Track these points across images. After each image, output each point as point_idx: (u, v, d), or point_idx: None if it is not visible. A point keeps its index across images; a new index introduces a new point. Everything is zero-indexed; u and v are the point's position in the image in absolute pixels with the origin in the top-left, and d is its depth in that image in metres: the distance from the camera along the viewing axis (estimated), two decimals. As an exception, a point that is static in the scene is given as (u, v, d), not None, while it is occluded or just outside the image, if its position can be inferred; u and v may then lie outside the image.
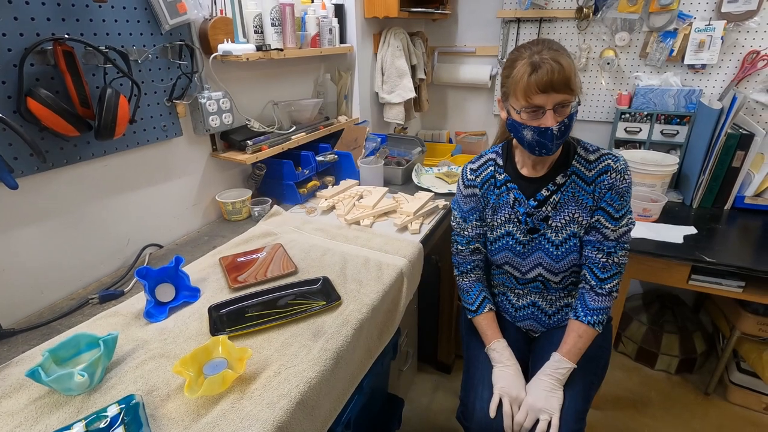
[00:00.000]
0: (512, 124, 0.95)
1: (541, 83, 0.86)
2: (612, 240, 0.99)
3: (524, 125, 0.92)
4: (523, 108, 0.90)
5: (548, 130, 0.89)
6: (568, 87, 0.87)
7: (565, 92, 0.87)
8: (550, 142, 0.91)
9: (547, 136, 0.90)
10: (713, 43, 1.75)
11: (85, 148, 1.03)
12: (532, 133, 0.91)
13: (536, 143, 0.92)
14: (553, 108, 0.88)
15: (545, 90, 0.86)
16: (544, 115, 0.89)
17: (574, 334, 1.01)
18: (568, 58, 0.88)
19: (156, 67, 1.14)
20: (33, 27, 0.89)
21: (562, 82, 0.86)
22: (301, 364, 0.80)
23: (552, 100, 0.87)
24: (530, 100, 0.88)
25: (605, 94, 2.05)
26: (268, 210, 1.43)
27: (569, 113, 0.90)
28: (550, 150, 0.93)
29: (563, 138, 0.92)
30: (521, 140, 0.96)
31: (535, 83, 0.86)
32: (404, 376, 1.71)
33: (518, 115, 0.92)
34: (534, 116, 0.90)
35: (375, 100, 2.04)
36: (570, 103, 0.89)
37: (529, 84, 0.87)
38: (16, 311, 0.96)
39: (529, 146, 0.95)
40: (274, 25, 1.35)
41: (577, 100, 0.90)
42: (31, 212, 0.97)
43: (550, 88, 0.86)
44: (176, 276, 1.01)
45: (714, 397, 1.80)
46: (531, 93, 0.87)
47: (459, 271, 1.17)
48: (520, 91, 0.89)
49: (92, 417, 0.67)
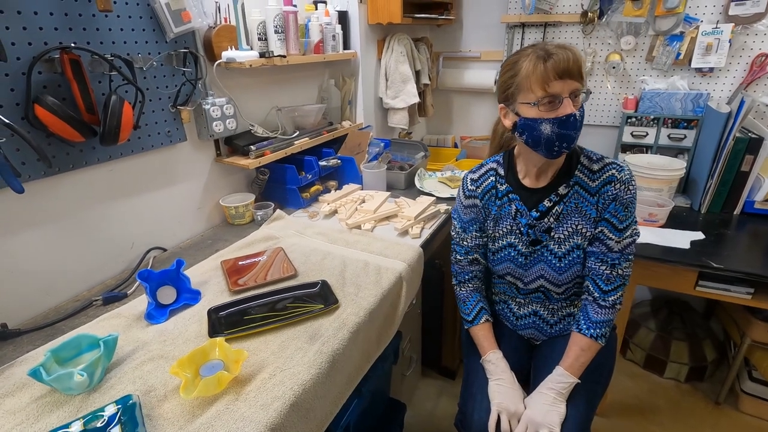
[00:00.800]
0: (525, 124, 0.91)
1: (559, 69, 0.84)
2: (616, 252, 0.97)
3: (542, 120, 0.87)
4: (540, 99, 0.87)
5: (571, 116, 0.86)
6: (581, 75, 0.86)
7: (579, 80, 0.86)
8: (573, 131, 0.87)
9: (569, 124, 0.86)
10: (721, 46, 1.73)
11: (91, 153, 1.05)
12: (551, 126, 0.87)
13: (557, 137, 0.88)
14: (569, 96, 0.86)
15: (562, 76, 0.84)
16: (562, 104, 0.86)
17: (577, 348, 0.98)
18: (577, 50, 0.88)
19: (161, 74, 1.17)
20: (41, 36, 0.92)
21: (577, 67, 0.85)
22: (297, 367, 0.80)
23: (568, 87, 0.86)
24: (548, 89, 0.86)
25: (611, 99, 2.04)
26: (270, 214, 1.44)
27: (581, 104, 0.89)
28: (572, 141, 0.89)
29: (581, 129, 0.90)
30: (537, 140, 0.90)
31: (553, 69, 0.84)
32: (408, 381, 1.70)
33: (534, 108, 0.88)
34: (551, 107, 0.87)
35: (379, 105, 2.06)
36: (581, 93, 0.88)
37: (546, 71, 0.85)
38: (22, 312, 0.99)
39: (547, 144, 0.89)
40: (277, 32, 1.37)
41: (586, 90, 0.89)
42: (37, 216, 0.99)
43: (567, 74, 0.84)
44: (177, 279, 1.02)
45: (725, 407, 1.76)
46: (548, 80, 0.85)
47: (457, 280, 1.17)
48: (535, 82, 0.86)
49: (90, 416, 0.69)
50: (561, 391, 0.95)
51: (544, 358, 1.09)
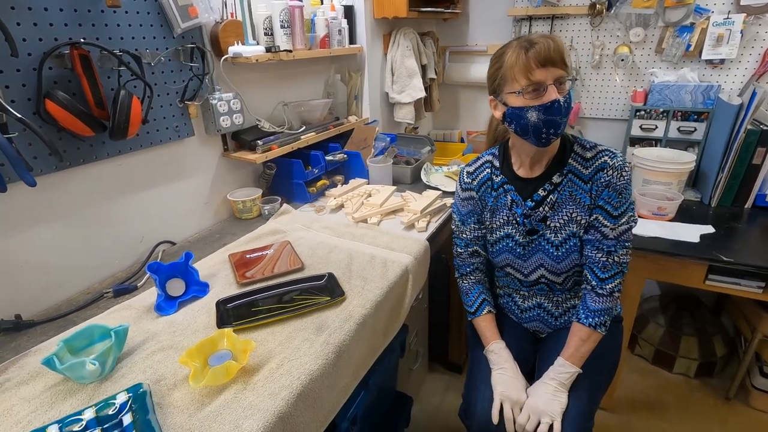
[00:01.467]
0: (512, 113, 0.92)
1: (540, 57, 0.86)
2: (611, 239, 0.97)
3: (528, 108, 0.89)
4: (524, 88, 0.88)
5: (555, 102, 0.87)
6: (564, 62, 0.88)
7: (562, 67, 0.88)
8: (559, 116, 0.88)
9: (554, 110, 0.87)
10: (732, 37, 1.70)
11: (101, 147, 1.07)
12: (537, 113, 0.88)
13: (543, 124, 0.89)
14: (554, 83, 0.87)
15: (544, 64, 0.86)
16: (546, 92, 0.87)
17: (577, 338, 0.99)
18: (559, 39, 0.89)
19: (168, 69, 1.18)
20: (51, 32, 0.93)
21: (559, 55, 0.87)
22: (304, 357, 0.81)
23: (551, 74, 0.87)
24: (531, 77, 0.87)
25: (620, 91, 2.01)
26: (277, 208, 1.45)
27: (568, 90, 0.90)
28: (558, 128, 0.90)
29: (567, 115, 0.90)
30: (525, 128, 0.91)
31: (534, 57, 0.86)
32: (414, 375, 1.71)
33: (519, 97, 0.90)
34: (536, 95, 0.88)
35: (385, 100, 2.06)
36: (565, 80, 0.89)
37: (528, 60, 0.86)
38: (36, 304, 1.01)
39: (535, 131, 0.90)
40: (283, 27, 1.37)
41: (572, 77, 0.90)
42: (49, 210, 1.01)
43: (549, 61, 0.86)
44: (186, 271, 1.04)
45: (735, 402, 1.74)
46: (531, 68, 0.87)
47: (459, 273, 1.17)
48: (518, 71, 0.88)
49: (102, 404, 0.70)
50: (563, 381, 0.96)
51: (548, 350, 1.09)
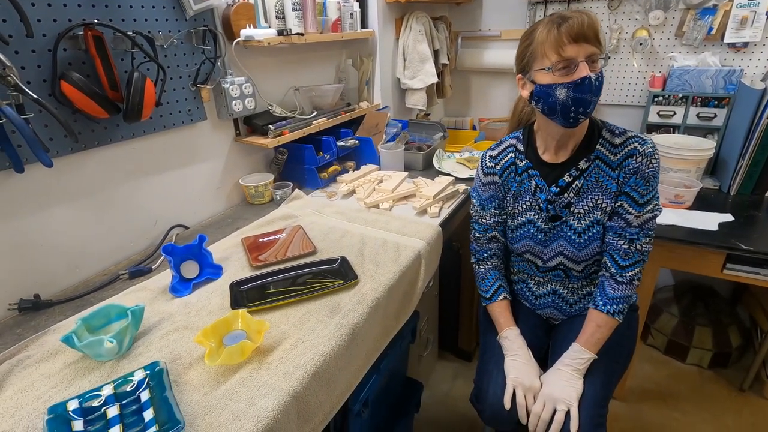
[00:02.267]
0: (540, 91, 0.89)
1: (573, 32, 0.82)
2: (635, 226, 0.95)
3: (557, 85, 0.86)
4: (554, 65, 0.85)
5: (586, 78, 0.83)
6: (598, 39, 0.84)
7: (595, 44, 0.84)
8: (589, 94, 0.85)
9: (584, 87, 0.84)
10: (757, 19, 1.65)
11: (115, 130, 1.07)
12: (566, 90, 0.85)
13: (572, 102, 0.86)
14: (586, 61, 0.84)
15: (577, 39, 0.83)
16: (578, 68, 0.84)
17: (593, 324, 0.98)
18: (593, 15, 0.86)
19: (181, 52, 1.17)
20: (65, 13, 0.93)
21: (593, 31, 0.83)
22: (317, 339, 0.81)
23: (584, 51, 0.84)
24: (562, 53, 0.84)
25: (637, 77, 1.97)
26: (289, 194, 1.45)
27: (600, 69, 0.86)
28: (588, 106, 0.86)
29: (598, 95, 0.87)
30: (553, 107, 0.88)
31: (567, 32, 0.83)
32: (424, 362, 1.71)
33: (548, 74, 0.86)
34: (566, 72, 0.85)
35: (397, 85, 2.03)
36: (598, 58, 0.86)
37: (559, 35, 0.83)
38: (54, 285, 1.02)
39: (563, 110, 0.87)
40: (295, 10, 1.36)
41: (605, 56, 0.87)
42: (65, 191, 1.02)
43: (582, 37, 0.83)
44: (200, 254, 1.04)
45: (749, 394, 1.72)
46: (562, 44, 0.84)
47: (476, 258, 1.16)
48: (549, 46, 0.85)
49: (120, 380, 0.71)
50: (578, 367, 0.95)
51: (562, 337, 1.08)
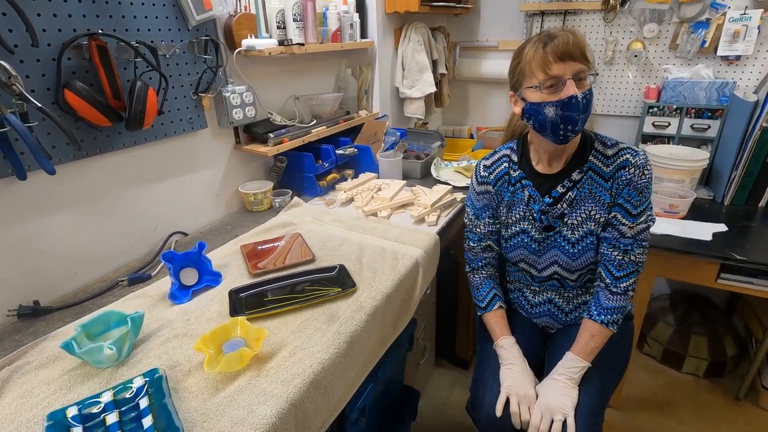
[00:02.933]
0: (530, 108, 0.91)
1: (558, 51, 0.85)
2: (629, 237, 0.96)
3: (545, 103, 0.88)
4: (542, 83, 0.88)
5: (573, 98, 0.85)
6: (584, 56, 0.86)
7: (581, 62, 0.86)
8: (577, 113, 0.87)
9: (572, 106, 0.86)
10: (749, 33, 1.68)
11: (117, 138, 1.08)
12: (555, 109, 0.87)
13: (561, 120, 0.88)
14: (573, 78, 0.86)
15: (563, 57, 0.85)
16: (565, 86, 0.86)
17: (587, 334, 0.99)
18: (580, 33, 0.87)
19: (183, 61, 1.19)
20: (70, 23, 0.94)
21: (578, 49, 0.85)
22: (316, 346, 0.82)
23: (570, 69, 0.86)
24: (549, 71, 0.86)
25: (632, 88, 2.00)
26: (288, 201, 1.46)
27: (589, 86, 0.88)
28: (576, 124, 0.88)
29: (587, 112, 0.89)
30: (543, 124, 0.90)
31: (552, 51, 0.85)
32: (421, 370, 1.72)
33: (537, 92, 0.89)
34: (554, 90, 0.87)
35: (395, 94, 2.06)
36: (586, 75, 0.87)
37: (545, 54, 0.86)
38: (53, 291, 1.03)
39: (552, 128, 0.89)
40: (296, 21, 1.38)
41: (594, 72, 0.89)
42: (67, 198, 1.03)
43: (567, 56, 0.85)
44: (199, 261, 1.05)
45: (745, 403, 1.73)
46: (548, 63, 0.86)
47: (470, 267, 1.17)
48: (536, 65, 0.87)
49: (119, 387, 0.72)
50: (572, 376, 0.95)
51: (557, 346, 1.08)
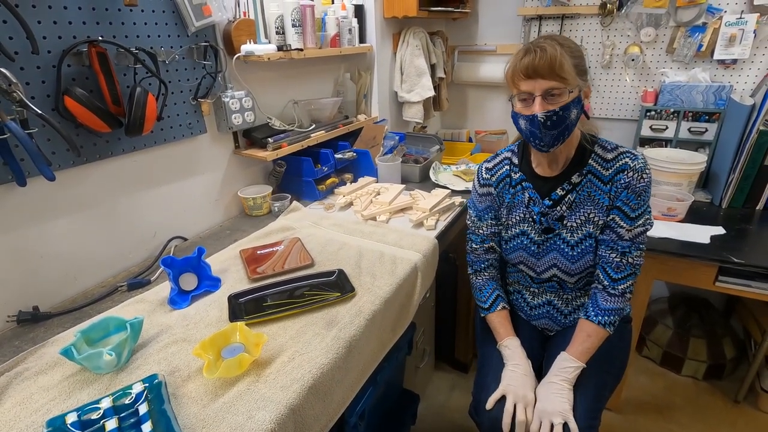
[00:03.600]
0: (513, 116, 0.96)
1: (524, 68, 0.86)
2: (627, 240, 0.97)
3: (519, 115, 0.92)
4: (515, 96, 0.91)
5: (534, 116, 0.87)
6: (554, 73, 0.85)
7: (552, 79, 0.85)
8: (538, 130, 0.88)
9: (534, 123, 0.88)
10: (745, 37, 1.69)
11: (116, 144, 1.09)
12: (525, 122, 0.91)
13: (529, 133, 0.92)
14: (543, 95, 0.86)
15: (529, 75, 0.86)
16: (534, 103, 0.88)
17: (583, 334, 0.99)
18: (562, 47, 0.86)
19: (182, 67, 1.20)
20: (70, 30, 0.95)
21: (546, 67, 0.85)
22: (315, 351, 0.82)
23: (539, 86, 0.86)
24: (518, 86, 0.89)
25: (630, 92, 2.01)
26: (287, 206, 1.47)
27: (564, 103, 0.87)
28: (541, 140, 0.90)
29: (556, 129, 0.89)
30: (521, 132, 0.96)
31: (521, 69, 0.87)
32: (421, 374, 1.72)
33: (516, 103, 0.93)
34: (525, 105, 0.90)
35: (394, 98, 2.07)
36: (562, 92, 0.87)
37: (515, 70, 0.88)
38: (52, 296, 1.03)
39: (526, 138, 0.95)
40: (294, 26, 1.39)
41: (571, 90, 0.87)
42: (66, 204, 1.03)
43: (534, 73, 0.85)
44: (199, 266, 1.05)
45: (744, 405, 1.73)
46: (518, 79, 0.88)
47: (472, 269, 1.18)
48: (510, 79, 0.91)
49: (119, 393, 0.72)
50: (567, 377, 0.95)
51: (556, 348, 1.08)
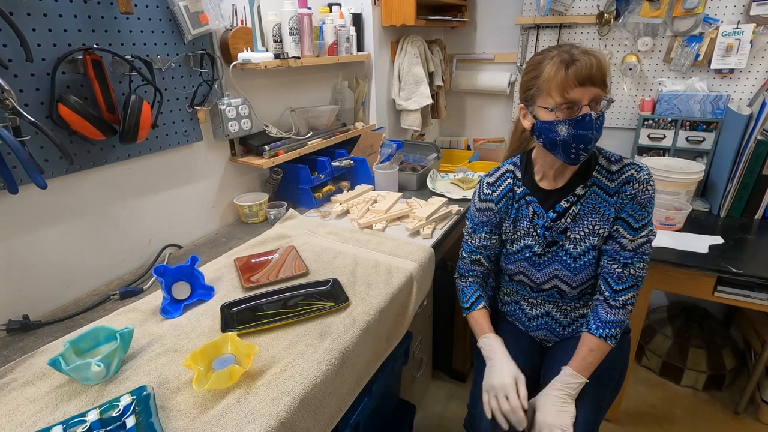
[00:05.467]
0: (542, 126, 0.91)
1: (581, 76, 0.84)
2: (629, 250, 0.96)
3: (558, 122, 0.88)
4: (558, 105, 0.87)
5: (587, 115, 0.85)
6: (604, 82, 0.86)
7: (600, 87, 0.86)
8: (590, 131, 0.86)
9: (585, 124, 0.86)
10: (742, 46, 1.70)
11: (111, 151, 1.08)
12: (567, 127, 0.87)
13: (573, 138, 0.87)
14: (589, 103, 0.86)
15: (583, 83, 0.84)
16: (580, 111, 0.86)
17: (586, 348, 0.98)
18: (603, 57, 0.87)
19: (179, 74, 1.20)
20: (65, 38, 0.95)
21: (600, 75, 0.85)
22: (307, 363, 0.81)
23: (588, 94, 0.85)
24: (567, 95, 0.86)
25: (627, 101, 2.01)
26: (283, 213, 1.46)
27: (601, 109, 0.88)
28: (589, 143, 0.88)
29: (600, 132, 0.89)
30: (554, 142, 0.90)
31: (574, 76, 0.84)
32: (418, 383, 1.70)
33: (552, 113, 0.89)
34: (569, 114, 0.87)
35: (392, 106, 2.07)
36: (602, 100, 0.87)
37: (567, 78, 0.85)
38: (43, 305, 1.02)
39: (564, 146, 0.89)
40: (292, 34, 1.39)
41: (608, 99, 0.88)
42: (59, 211, 1.02)
43: (589, 81, 0.84)
44: (192, 275, 1.04)
45: (744, 417, 1.71)
46: (569, 87, 0.85)
47: (458, 273, 1.18)
48: (555, 88, 0.86)
49: (106, 406, 0.71)
50: (569, 391, 0.94)
51: (554, 360, 1.07)
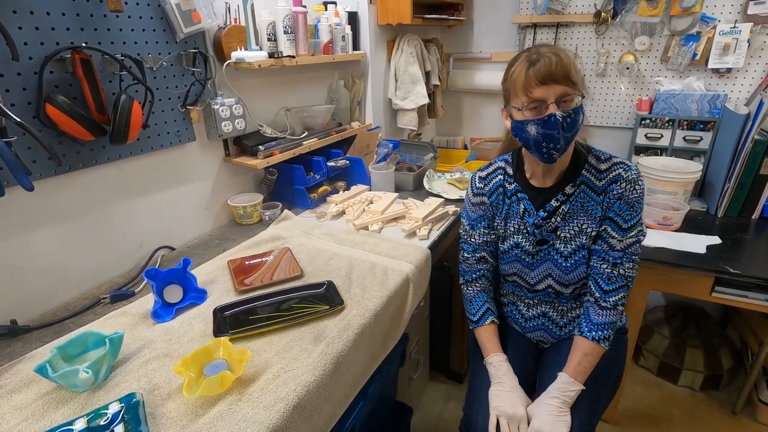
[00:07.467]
0: (516, 126, 0.93)
1: (540, 75, 0.85)
2: (618, 250, 0.96)
3: (527, 121, 0.89)
4: (525, 105, 0.89)
5: (552, 116, 0.86)
6: (568, 79, 0.86)
7: (565, 84, 0.86)
8: (556, 131, 0.87)
9: (551, 124, 0.86)
10: (739, 46, 1.69)
11: (101, 152, 1.06)
12: (536, 127, 0.88)
13: (542, 138, 0.88)
14: (556, 101, 0.86)
15: (544, 81, 0.85)
16: (547, 109, 0.87)
17: (580, 352, 0.97)
18: (567, 54, 0.87)
19: (170, 74, 1.18)
20: (53, 36, 0.93)
21: (561, 73, 0.85)
22: (300, 368, 0.80)
23: (553, 92, 0.86)
24: (531, 94, 0.87)
25: (624, 100, 2.00)
26: (278, 214, 1.44)
27: (574, 107, 0.88)
28: (557, 143, 0.88)
29: (570, 131, 0.88)
30: (527, 142, 0.92)
31: (534, 75, 0.85)
32: (415, 385, 1.69)
33: (520, 113, 0.90)
34: (537, 113, 0.88)
35: (388, 106, 2.05)
36: (572, 97, 0.87)
37: (528, 78, 0.86)
38: (32, 309, 1.00)
39: (536, 146, 0.90)
40: (286, 33, 1.37)
41: (580, 95, 0.88)
42: (47, 214, 1.00)
43: (550, 79, 0.85)
44: (184, 278, 1.02)
45: (741, 417, 1.71)
46: (531, 86, 0.87)
47: (464, 279, 1.16)
48: (519, 88, 0.89)
49: (93, 414, 0.69)
50: (566, 399, 0.93)
51: (550, 362, 1.07)
